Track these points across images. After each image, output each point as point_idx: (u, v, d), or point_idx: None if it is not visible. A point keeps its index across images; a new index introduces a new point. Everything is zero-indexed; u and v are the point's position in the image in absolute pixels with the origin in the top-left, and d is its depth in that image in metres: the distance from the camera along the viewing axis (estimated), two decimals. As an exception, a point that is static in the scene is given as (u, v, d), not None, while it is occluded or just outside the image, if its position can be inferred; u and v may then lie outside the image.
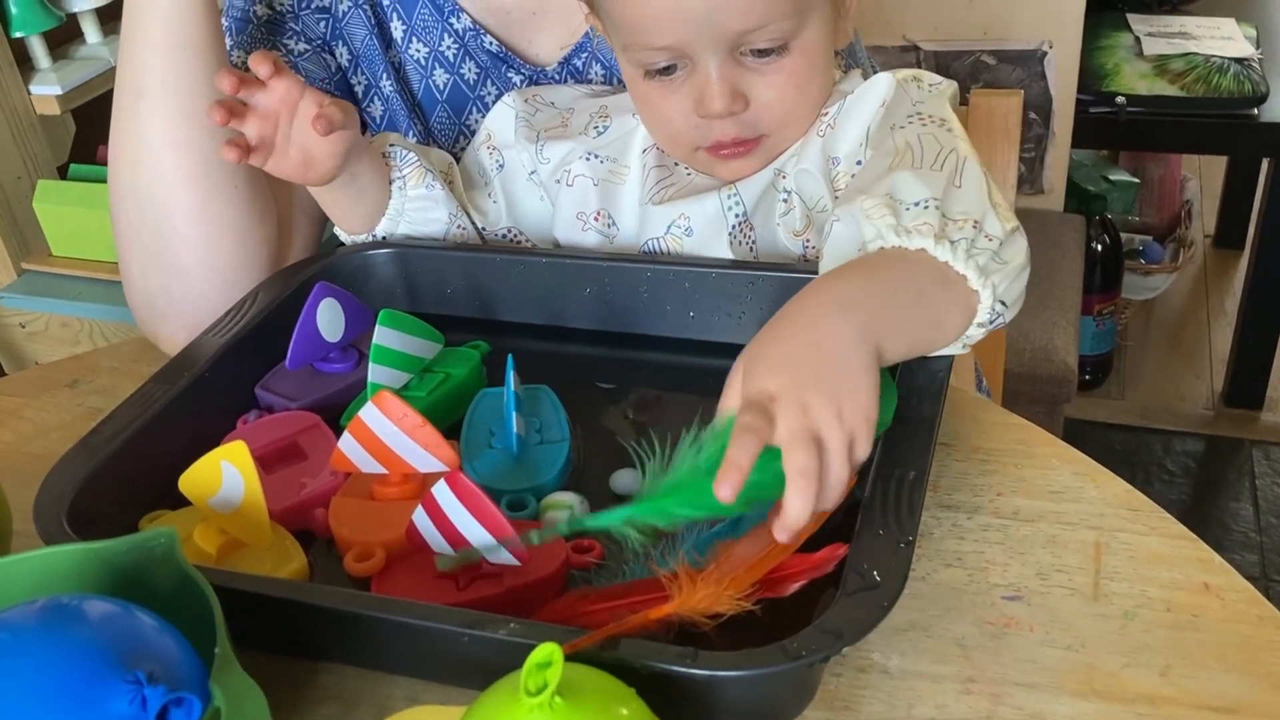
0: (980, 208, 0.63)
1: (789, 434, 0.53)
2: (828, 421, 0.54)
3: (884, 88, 0.74)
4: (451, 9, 0.89)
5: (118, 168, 0.81)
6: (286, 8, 0.90)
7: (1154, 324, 2.30)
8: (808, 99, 0.75)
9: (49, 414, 0.81)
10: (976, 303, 0.62)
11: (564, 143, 0.84)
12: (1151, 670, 0.55)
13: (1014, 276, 0.64)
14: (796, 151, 0.77)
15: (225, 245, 0.81)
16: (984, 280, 0.62)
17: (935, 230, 0.61)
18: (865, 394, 0.56)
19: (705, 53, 0.72)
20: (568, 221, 0.85)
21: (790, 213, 0.77)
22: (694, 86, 0.73)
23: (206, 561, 0.60)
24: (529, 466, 0.67)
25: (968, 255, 0.61)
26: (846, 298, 0.59)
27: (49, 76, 1.39)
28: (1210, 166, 2.55)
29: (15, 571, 0.52)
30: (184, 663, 0.47)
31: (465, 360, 0.75)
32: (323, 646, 0.58)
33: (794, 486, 0.53)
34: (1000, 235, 0.63)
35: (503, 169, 0.87)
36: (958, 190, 0.64)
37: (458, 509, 0.58)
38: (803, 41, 0.72)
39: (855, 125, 0.74)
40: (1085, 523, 0.64)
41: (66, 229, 1.40)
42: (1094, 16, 1.82)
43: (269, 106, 0.73)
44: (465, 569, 0.59)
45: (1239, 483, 1.92)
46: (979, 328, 0.64)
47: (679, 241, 0.80)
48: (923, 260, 0.61)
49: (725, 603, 0.53)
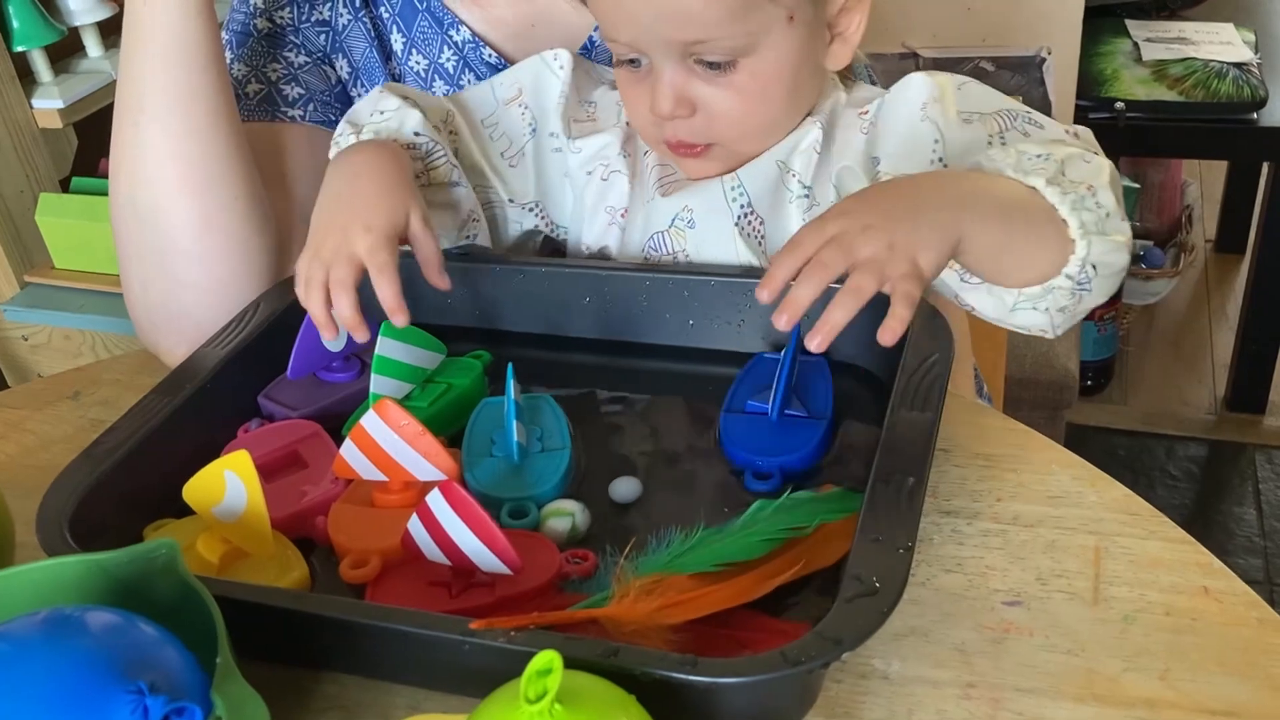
0: (1100, 180, 0.65)
1: (835, 238, 0.59)
2: (876, 245, 0.58)
3: (920, 87, 0.74)
4: (451, 22, 0.90)
5: (118, 181, 0.82)
6: (287, 21, 0.90)
7: (1156, 329, 2.30)
8: (758, 118, 0.75)
9: (51, 426, 0.81)
10: (1070, 252, 0.64)
11: (600, 135, 0.82)
12: (1151, 674, 0.56)
13: (1112, 251, 0.65)
14: (802, 147, 0.77)
15: (226, 257, 0.81)
16: (1084, 234, 0.64)
17: (1049, 175, 0.64)
18: (925, 240, 0.60)
19: (657, 55, 0.72)
20: (597, 216, 0.83)
21: (816, 208, 0.77)
22: (651, 84, 0.74)
23: (209, 571, 0.61)
24: (529, 475, 0.68)
25: (1074, 207, 0.63)
26: (948, 178, 0.66)
27: (51, 90, 1.40)
28: (1211, 171, 2.55)
29: (18, 583, 0.53)
30: (186, 673, 0.47)
31: (467, 370, 0.75)
32: (324, 656, 0.58)
33: (808, 274, 0.59)
34: (1111, 210, 0.65)
35: (535, 135, 0.84)
36: (1085, 165, 0.66)
37: (451, 518, 0.58)
38: (753, 62, 0.72)
39: (897, 125, 0.74)
40: (1084, 527, 0.64)
41: (68, 242, 1.40)
42: (1092, 23, 1.82)
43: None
44: (458, 577, 0.60)
45: (1242, 487, 1.92)
46: (1067, 279, 0.65)
47: (682, 235, 0.80)
48: (1033, 195, 0.64)
49: (653, 637, 0.54)
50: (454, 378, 0.75)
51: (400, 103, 0.78)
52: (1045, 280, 0.65)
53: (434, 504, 0.58)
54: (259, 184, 0.83)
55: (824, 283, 0.59)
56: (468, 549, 0.58)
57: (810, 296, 0.59)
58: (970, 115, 0.73)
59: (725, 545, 0.59)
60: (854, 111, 0.77)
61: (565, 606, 0.57)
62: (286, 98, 0.89)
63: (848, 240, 0.59)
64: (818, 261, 0.59)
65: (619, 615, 0.54)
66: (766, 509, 0.62)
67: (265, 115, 0.89)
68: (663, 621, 0.54)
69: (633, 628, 0.54)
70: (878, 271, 0.58)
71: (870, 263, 0.58)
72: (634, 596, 0.55)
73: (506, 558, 0.58)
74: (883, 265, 0.58)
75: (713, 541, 0.60)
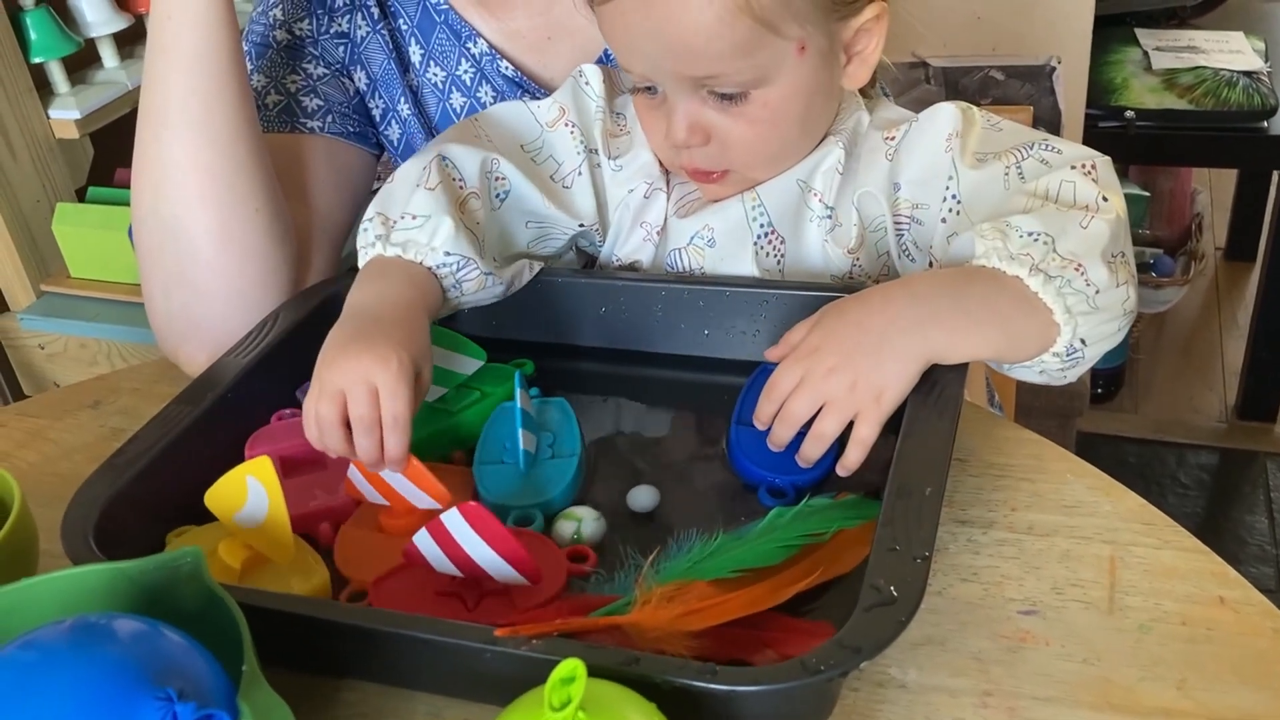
0: (1092, 254, 0.65)
1: (803, 382, 0.65)
2: (838, 387, 0.64)
3: (948, 118, 0.74)
4: (469, 34, 0.90)
5: (141, 191, 0.82)
6: (306, 33, 0.91)
7: (1166, 337, 2.30)
8: (771, 145, 0.76)
9: (72, 435, 0.82)
10: (1056, 335, 0.66)
11: (639, 151, 0.81)
12: (1167, 684, 0.56)
13: (1104, 322, 0.67)
14: (824, 167, 0.77)
15: (246, 266, 0.82)
16: (1069, 318, 0.65)
17: (1034, 262, 0.65)
18: (885, 377, 0.64)
19: (670, 86, 0.73)
20: (634, 231, 0.83)
21: (838, 229, 0.78)
22: (666, 111, 0.74)
23: (230, 576, 0.61)
24: (536, 483, 0.68)
25: (1058, 292, 0.65)
26: (921, 292, 0.67)
27: (68, 101, 1.41)
28: (1220, 179, 2.55)
29: (43, 591, 0.53)
30: (212, 680, 0.47)
31: (504, 378, 0.76)
32: (346, 663, 0.59)
33: (780, 421, 0.66)
34: (1102, 285, 0.65)
35: (588, 154, 0.82)
36: (1081, 232, 0.66)
37: (470, 536, 0.58)
38: (765, 92, 0.72)
39: (920, 154, 0.75)
40: (1099, 537, 0.64)
41: (85, 251, 1.41)
42: (1102, 31, 1.82)
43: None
44: (471, 588, 0.60)
45: (1254, 495, 1.92)
46: (1054, 357, 0.67)
47: (701, 253, 0.80)
48: (1014, 284, 0.65)
49: (675, 643, 0.54)
50: (488, 385, 0.75)
51: (434, 207, 0.74)
52: (1033, 358, 0.67)
53: (450, 522, 0.59)
54: (279, 195, 0.84)
55: (795, 427, 0.66)
56: (484, 563, 0.58)
57: (787, 437, 0.67)
58: (985, 155, 0.73)
59: (744, 552, 0.60)
60: (879, 134, 0.78)
61: (583, 612, 0.58)
62: (305, 109, 0.90)
63: (813, 385, 0.65)
64: (788, 410, 0.66)
65: (642, 622, 0.55)
66: (785, 515, 0.63)
67: (284, 126, 0.90)
68: (684, 628, 0.55)
69: (655, 634, 0.55)
70: (838, 415, 0.65)
71: (831, 406, 0.65)
72: (656, 603, 0.56)
73: (527, 570, 0.59)
74: (843, 408, 0.65)
75: (732, 548, 0.61)
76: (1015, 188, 0.70)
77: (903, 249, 0.77)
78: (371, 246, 0.74)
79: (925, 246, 0.75)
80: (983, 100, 1.70)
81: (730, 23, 0.68)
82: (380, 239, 0.74)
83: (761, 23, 0.68)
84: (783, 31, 0.69)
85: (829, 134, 0.78)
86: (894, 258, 0.78)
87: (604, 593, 0.61)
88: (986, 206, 0.71)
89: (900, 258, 0.78)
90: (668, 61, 0.71)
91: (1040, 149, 0.72)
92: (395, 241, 0.73)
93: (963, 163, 0.73)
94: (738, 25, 0.68)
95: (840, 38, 0.73)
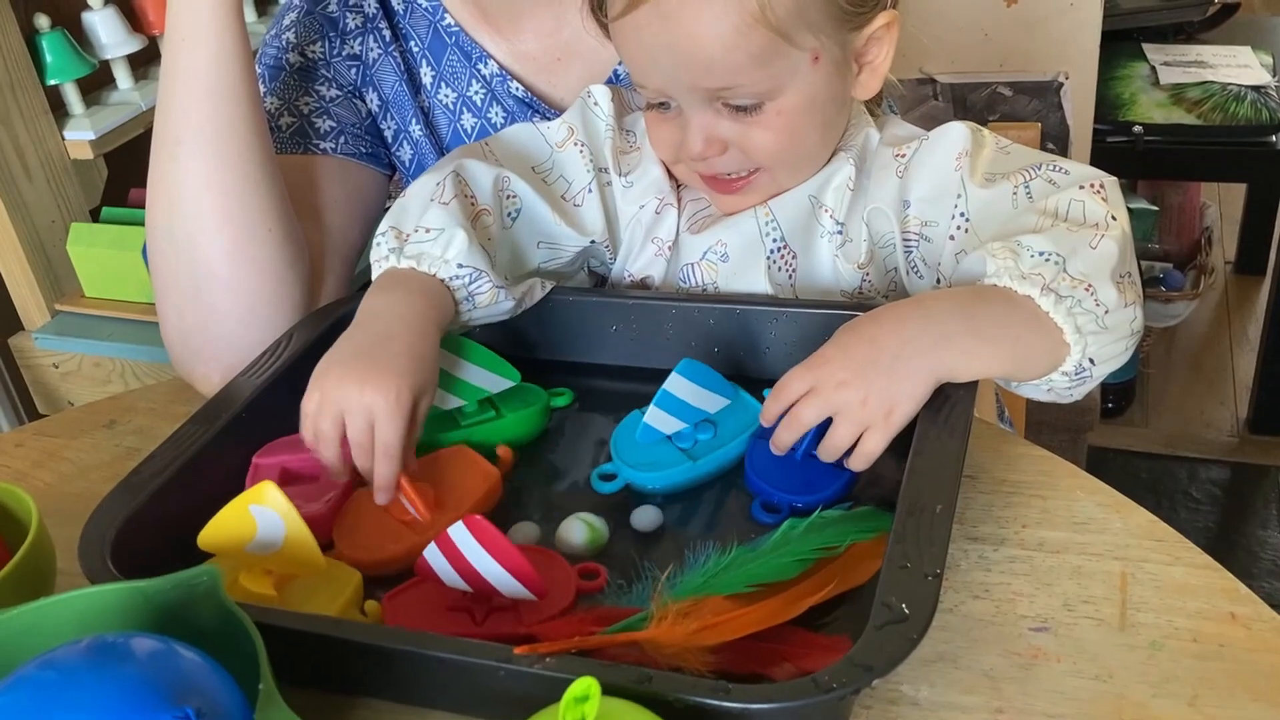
0: (1101, 275, 0.66)
1: (813, 390, 0.65)
2: (849, 400, 0.65)
3: (959, 137, 0.75)
4: (479, 56, 0.91)
5: (155, 211, 0.83)
6: (319, 55, 0.92)
7: (1176, 351, 2.30)
8: (792, 150, 0.76)
9: (88, 454, 0.82)
10: (1066, 354, 0.66)
11: (649, 167, 0.82)
12: (1180, 700, 0.56)
13: (1112, 342, 0.67)
14: (835, 183, 0.78)
15: (260, 286, 0.83)
16: (1079, 337, 0.66)
17: (1045, 282, 0.66)
18: (897, 394, 0.64)
19: (685, 99, 0.74)
20: (646, 247, 0.83)
21: (849, 244, 0.78)
22: (680, 125, 0.75)
23: (269, 600, 0.61)
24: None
25: (1069, 312, 0.65)
26: (934, 312, 0.67)
27: (82, 122, 1.42)
28: (1229, 193, 2.55)
29: (61, 610, 0.54)
30: (229, 698, 0.48)
31: (530, 401, 0.76)
32: (361, 682, 0.59)
33: (785, 425, 0.66)
34: (1111, 305, 0.66)
35: (597, 172, 0.82)
36: (1091, 252, 0.67)
37: (475, 549, 0.59)
38: (780, 104, 0.73)
39: (929, 172, 0.75)
40: (1110, 553, 0.64)
41: (99, 270, 1.42)
42: (1110, 47, 1.83)
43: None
44: (480, 602, 0.61)
45: (1266, 510, 1.91)
46: (1063, 376, 0.67)
47: (714, 268, 0.81)
48: (1025, 303, 0.66)
49: (692, 658, 0.55)
50: (511, 405, 0.76)
51: (448, 221, 0.74)
52: (1043, 376, 0.68)
53: (456, 535, 0.59)
54: (292, 216, 0.85)
55: (799, 433, 0.67)
56: (490, 576, 0.59)
57: (790, 441, 0.67)
58: (994, 175, 0.74)
59: (759, 566, 0.61)
60: (890, 151, 0.78)
61: (601, 624, 0.58)
62: (318, 130, 0.91)
63: (823, 394, 0.65)
64: (795, 415, 0.66)
65: (658, 638, 0.55)
66: (798, 528, 0.63)
67: (297, 148, 0.91)
68: (701, 643, 0.55)
69: (672, 649, 0.55)
70: (849, 427, 0.65)
71: (842, 418, 0.65)
72: (672, 619, 0.56)
73: (532, 585, 0.59)
74: (853, 421, 0.65)
75: (746, 561, 0.61)
76: (1024, 207, 0.71)
77: (911, 265, 0.77)
78: (385, 259, 0.75)
79: (934, 263, 0.76)
80: (990, 117, 1.71)
81: (747, 33, 0.69)
82: (394, 252, 0.74)
83: (777, 33, 0.69)
84: (798, 42, 0.70)
85: (838, 150, 0.79)
86: (902, 274, 0.78)
87: (621, 604, 0.61)
88: (995, 225, 0.72)
89: (908, 274, 0.78)
90: (684, 74, 0.71)
91: (1048, 169, 0.72)
92: (409, 254, 0.74)
93: (972, 181, 0.73)
94: (754, 36, 0.69)
95: (852, 47, 0.74)
